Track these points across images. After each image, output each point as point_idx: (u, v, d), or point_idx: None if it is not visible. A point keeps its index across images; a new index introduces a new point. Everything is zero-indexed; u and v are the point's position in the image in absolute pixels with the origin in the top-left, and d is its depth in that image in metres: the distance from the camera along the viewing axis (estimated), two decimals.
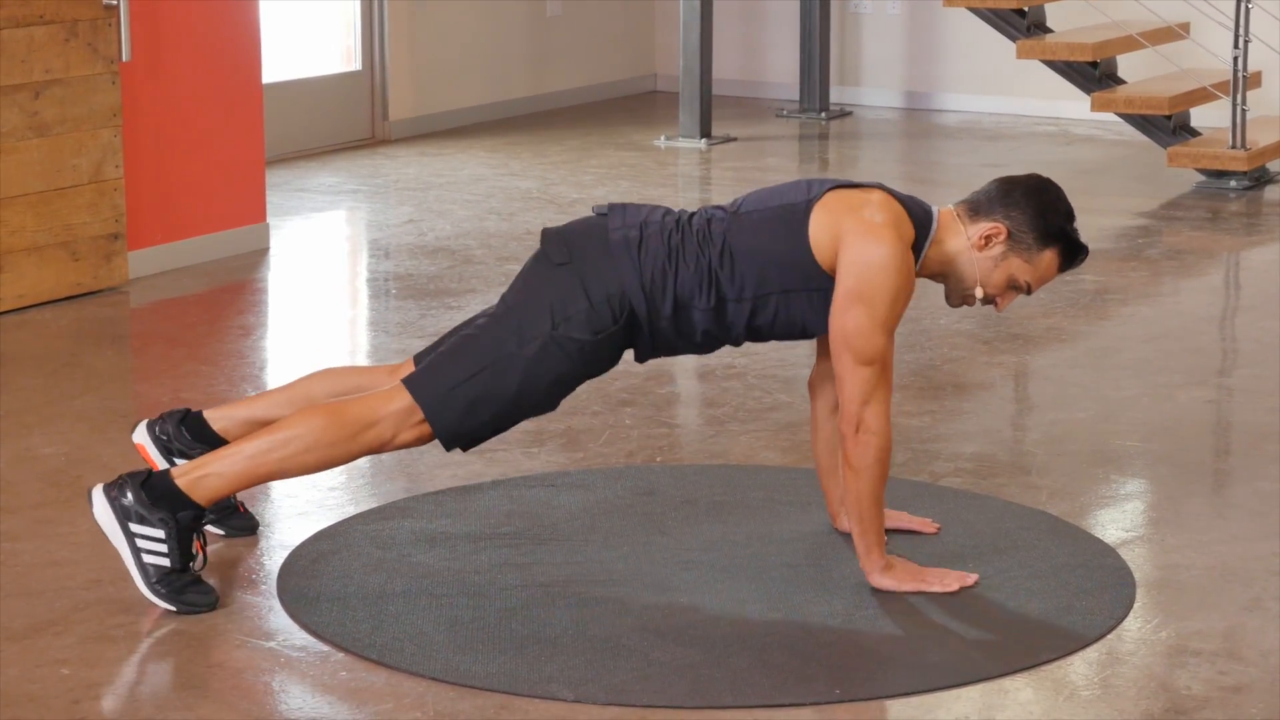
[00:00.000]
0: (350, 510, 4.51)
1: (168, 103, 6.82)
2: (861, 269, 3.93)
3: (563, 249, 4.03)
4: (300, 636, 3.84)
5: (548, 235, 4.10)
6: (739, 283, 4.01)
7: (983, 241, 4.06)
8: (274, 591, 4.05)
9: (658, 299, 4.01)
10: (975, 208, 4.09)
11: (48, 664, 3.71)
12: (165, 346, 6.04)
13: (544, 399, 4.03)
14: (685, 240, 4.02)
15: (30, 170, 6.26)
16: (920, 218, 4.04)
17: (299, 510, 4.51)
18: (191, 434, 4.26)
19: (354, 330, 6.36)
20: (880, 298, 3.92)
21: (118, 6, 6.40)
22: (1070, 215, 4.10)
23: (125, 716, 3.53)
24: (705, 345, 4.11)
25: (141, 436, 4.30)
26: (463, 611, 3.93)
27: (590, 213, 4.16)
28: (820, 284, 3.99)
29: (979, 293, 4.10)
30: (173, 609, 3.91)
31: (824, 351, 4.21)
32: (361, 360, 5.95)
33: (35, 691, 3.59)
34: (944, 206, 4.14)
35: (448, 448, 4.03)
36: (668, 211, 4.10)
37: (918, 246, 4.03)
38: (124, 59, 6.46)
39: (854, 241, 3.95)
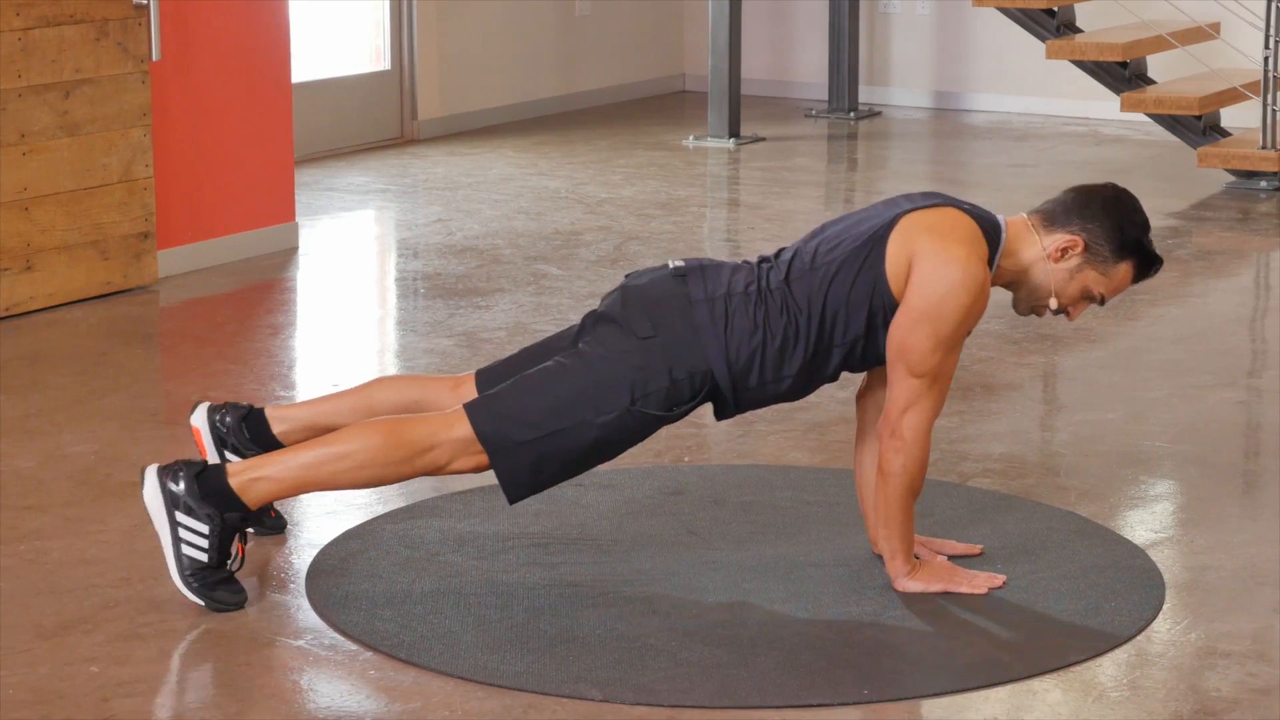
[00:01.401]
0: (379, 510, 4.52)
1: (197, 102, 6.83)
2: (933, 289, 3.90)
3: (646, 322, 3.97)
4: (329, 635, 3.84)
5: (630, 299, 4.02)
6: (826, 339, 3.98)
7: (1059, 253, 4.03)
8: (303, 590, 4.05)
9: (743, 373, 3.98)
10: (1050, 218, 4.06)
11: (77, 662, 3.72)
12: (194, 345, 6.05)
13: (609, 455, 4.02)
14: (769, 309, 3.97)
15: (60, 169, 6.28)
16: (990, 232, 4.00)
17: (328, 509, 4.51)
18: (250, 433, 4.26)
19: (382, 329, 6.37)
20: (948, 319, 3.90)
21: (148, 6, 6.42)
22: (1146, 227, 4.08)
23: (154, 714, 3.54)
24: (791, 397, 4.08)
25: (200, 420, 4.31)
26: (490, 611, 3.93)
27: (666, 265, 4.09)
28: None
29: (1053, 304, 4.07)
30: (201, 604, 3.92)
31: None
32: (390, 361, 5.96)
33: (65, 689, 3.60)
34: (1013, 215, 4.11)
35: (511, 501, 4.00)
36: (748, 274, 4.03)
37: (989, 259, 4.00)
38: (154, 58, 6.48)
39: (928, 261, 3.91)
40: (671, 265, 4.07)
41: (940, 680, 3.65)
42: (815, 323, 3.97)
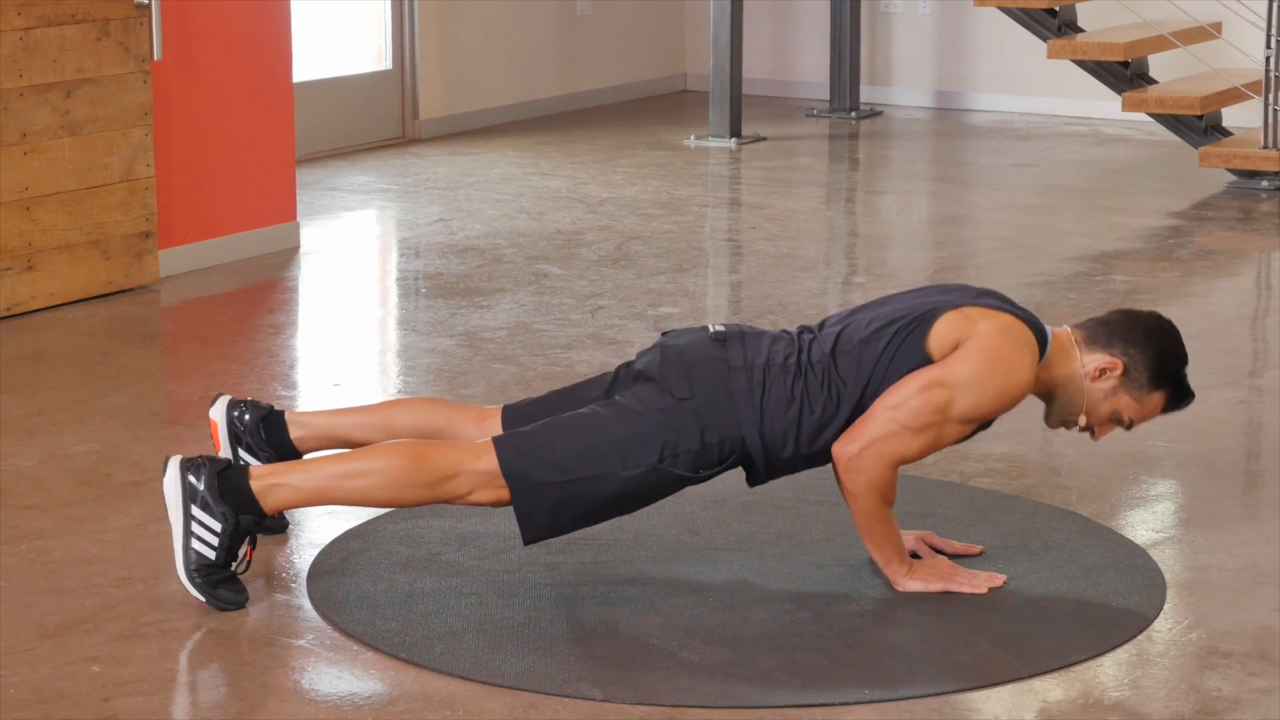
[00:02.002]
0: (380, 509, 4.52)
1: (199, 102, 6.84)
2: (976, 366, 3.92)
3: (683, 384, 3.97)
4: (330, 635, 3.85)
5: (669, 360, 4.02)
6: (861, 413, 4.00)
7: (1097, 373, 4.05)
8: (304, 590, 4.05)
9: (777, 445, 3.99)
10: (1093, 337, 4.08)
11: (79, 661, 3.72)
12: (196, 345, 6.05)
13: (629, 509, 4.04)
14: (809, 383, 3.98)
15: (62, 169, 6.29)
16: (1039, 340, 4.02)
17: (329, 509, 4.51)
18: (267, 435, 4.27)
19: (384, 329, 6.37)
20: (971, 400, 3.93)
21: (149, 5, 6.42)
22: (1185, 359, 4.12)
23: (155, 714, 3.54)
24: (824, 463, 4.09)
25: (219, 414, 4.31)
26: (492, 610, 3.93)
27: (706, 328, 4.10)
28: None
29: (1083, 421, 4.10)
30: (203, 600, 3.92)
31: None
32: (391, 360, 5.97)
33: (66, 689, 3.61)
34: (1060, 328, 4.11)
35: (527, 541, 4.00)
36: (788, 344, 4.03)
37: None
38: (155, 58, 6.48)
39: (982, 343, 3.93)
40: (712, 329, 4.08)
41: (941, 680, 3.66)
42: (856, 398, 3.98)
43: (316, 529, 4.40)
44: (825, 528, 4.38)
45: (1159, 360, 4.06)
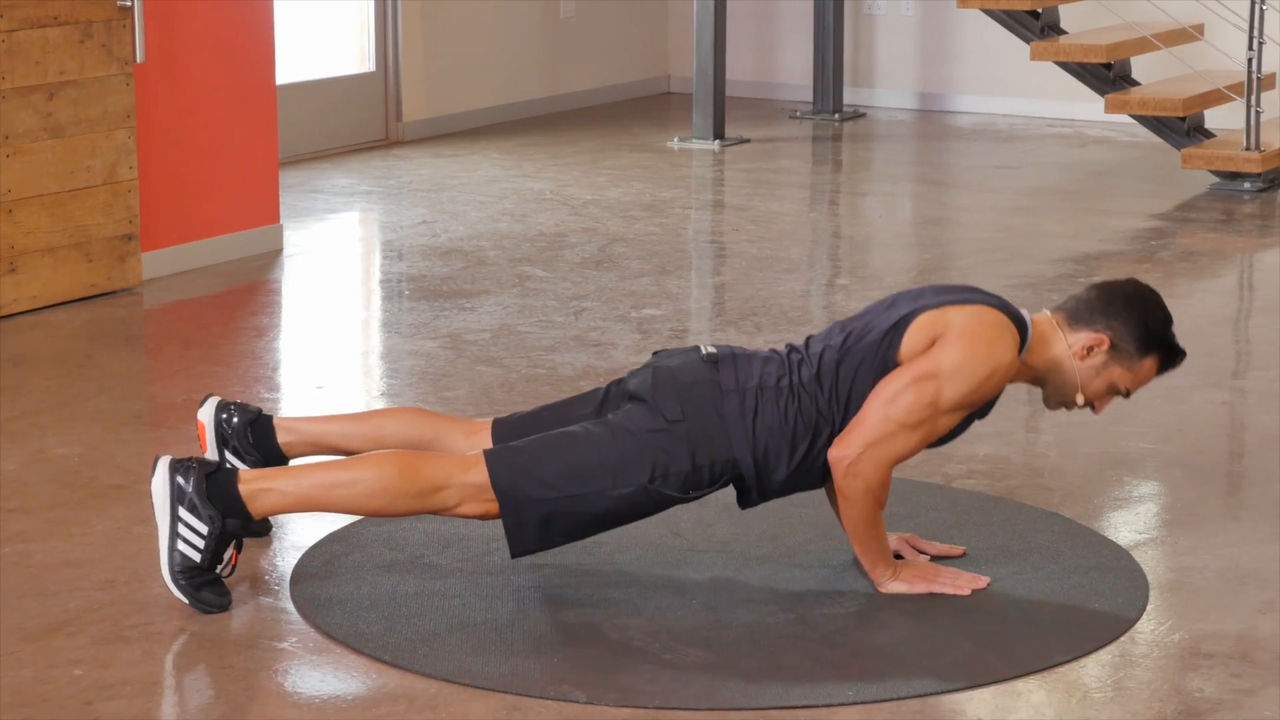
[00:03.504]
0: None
1: (182, 104, 6.83)
2: (956, 353, 3.93)
3: (675, 406, 3.98)
4: (313, 638, 3.84)
5: (660, 380, 4.03)
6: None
7: (1084, 351, 4.07)
8: (287, 593, 4.05)
9: (769, 467, 4.00)
10: (1074, 316, 4.10)
11: (61, 665, 3.71)
12: (179, 347, 6.05)
13: (616, 525, 4.05)
14: (801, 404, 3.99)
15: (44, 171, 6.28)
16: (1019, 329, 4.04)
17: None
18: (254, 439, 4.27)
19: (367, 331, 6.37)
20: (960, 385, 3.94)
21: (132, 8, 6.41)
22: (1169, 321, 4.13)
23: (138, 718, 3.54)
24: (817, 486, 4.10)
25: (207, 415, 4.31)
26: (475, 613, 3.93)
27: (698, 349, 4.10)
28: None
29: (1080, 399, 4.11)
30: (186, 602, 3.91)
31: None
32: (375, 362, 5.96)
33: (48, 692, 3.60)
34: (1039, 313, 4.12)
35: (515, 554, 4.01)
36: (779, 366, 4.04)
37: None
38: (138, 60, 6.47)
39: (958, 332, 3.95)
40: (704, 351, 4.09)
41: (925, 681, 3.66)
42: (842, 414, 3.99)
43: (300, 532, 4.40)
44: (808, 530, 4.38)
45: (1144, 327, 4.08)
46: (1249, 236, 7.66)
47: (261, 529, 4.33)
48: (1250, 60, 8.43)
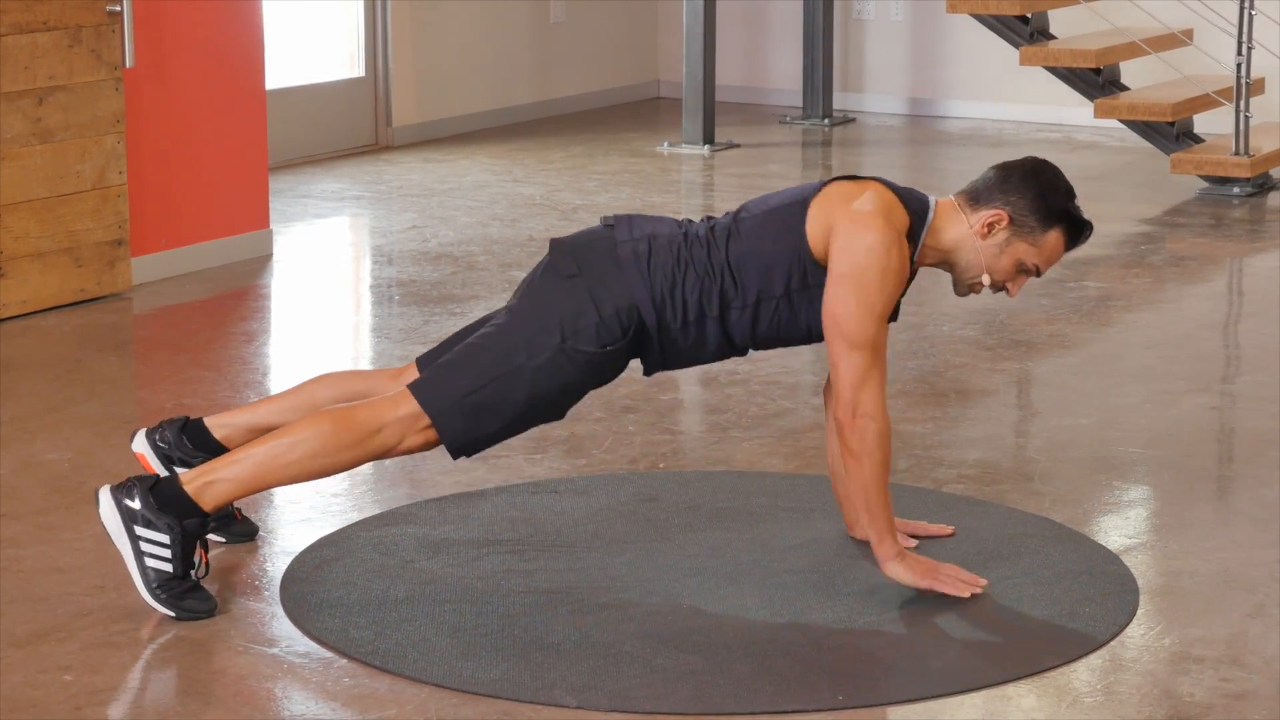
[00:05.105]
0: (353, 516, 4.51)
1: (171, 109, 6.83)
2: (849, 255, 3.95)
3: (571, 262, 4.04)
4: (303, 643, 3.84)
5: (556, 246, 4.11)
6: (743, 288, 4.03)
7: (985, 229, 4.06)
8: (277, 598, 4.05)
9: (667, 311, 4.03)
10: (975, 196, 4.10)
11: (50, 670, 3.71)
12: (169, 352, 6.04)
13: (552, 407, 4.06)
14: (693, 250, 4.05)
15: (34, 176, 6.27)
16: (916, 207, 4.05)
17: (302, 516, 4.51)
18: (193, 442, 4.26)
19: (357, 336, 6.36)
20: (869, 282, 3.93)
21: (121, 12, 6.41)
22: (1070, 193, 4.11)
23: None
24: (715, 355, 4.13)
25: (141, 445, 4.31)
26: (465, 618, 3.93)
27: (598, 223, 4.17)
28: (821, 280, 4.01)
29: (987, 280, 4.10)
30: (172, 614, 3.91)
31: None
32: (365, 368, 5.96)
33: (38, 698, 3.59)
34: (943, 197, 4.14)
35: (454, 456, 4.05)
36: (675, 222, 4.13)
37: (914, 236, 4.04)
38: (128, 65, 6.47)
39: (843, 229, 3.98)
40: (602, 220, 4.16)
41: (914, 685, 3.66)
42: (732, 269, 4.03)
43: (289, 536, 4.39)
44: (799, 534, 4.38)
45: (1042, 199, 4.06)
46: (1238, 241, 7.67)
47: (247, 530, 4.34)
48: (1239, 65, 8.43)
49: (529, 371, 3.97)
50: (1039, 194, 4.07)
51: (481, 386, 3.96)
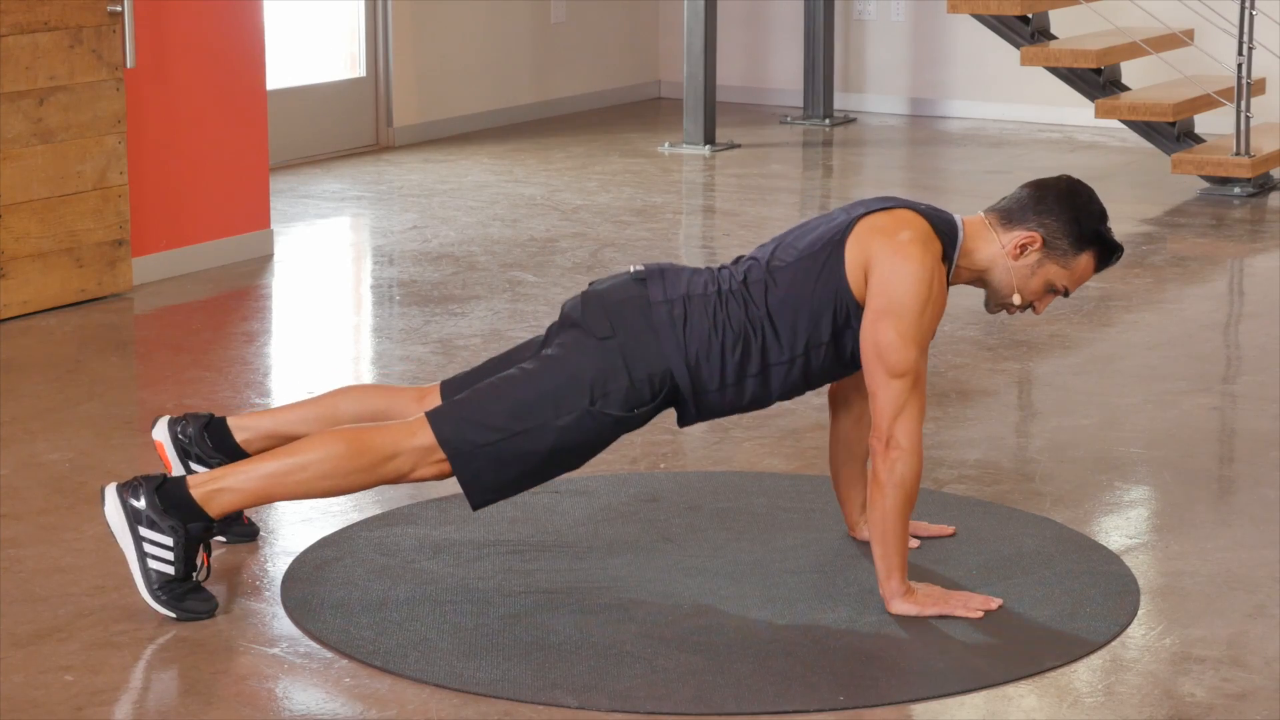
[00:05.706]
0: (354, 517, 4.51)
1: (172, 109, 6.83)
2: (889, 286, 3.90)
3: (604, 323, 3.97)
4: (304, 643, 3.84)
5: (589, 303, 4.02)
6: (786, 342, 3.98)
7: (1018, 250, 4.04)
8: (278, 598, 4.05)
9: (703, 375, 3.97)
10: (1007, 216, 4.07)
11: (51, 670, 3.71)
12: (170, 353, 6.04)
13: (573, 462, 4.01)
14: (729, 308, 3.98)
15: (35, 177, 6.27)
16: (945, 229, 4.01)
17: (303, 517, 4.51)
18: (213, 442, 4.26)
19: (358, 336, 6.36)
20: (910, 311, 3.89)
21: (122, 13, 6.41)
22: (1103, 216, 4.08)
23: None
24: (754, 406, 4.07)
25: (161, 434, 4.30)
26: (466, 618, 3.93)
27: (628, 271, 4.09)
28: (860, 314, 3.96)
29: (1017, 300, 4.08)
30: (173, 615, 3.91)
31: None
32: (366, 368, 5.96)
33: (39, 698, 3.59)
34: (970, 215, 4.12)
35: (475, 507, 3.99)
36: (708, 277, 4.04)
37: (946, 258, 4.00)
38: (129, 65, 6.47)
39: (882, 260, 3.92)
40: (632, 270, 4.08)
41: (915, 686, 3.66)
42: (774, 325, 3.97)
43: (290, 536, 4.39)
44: (800, 535, 4.38)
45: (1076, 223, 4.04)
46: (1239, 241, 7.67)
47: (248, 532, 4.34)
48: (1240, 65, 8.44)
49: (554, 429, 3.92)
50: (1073, 217, 4.04)
51: (503, 438, 3.91)
